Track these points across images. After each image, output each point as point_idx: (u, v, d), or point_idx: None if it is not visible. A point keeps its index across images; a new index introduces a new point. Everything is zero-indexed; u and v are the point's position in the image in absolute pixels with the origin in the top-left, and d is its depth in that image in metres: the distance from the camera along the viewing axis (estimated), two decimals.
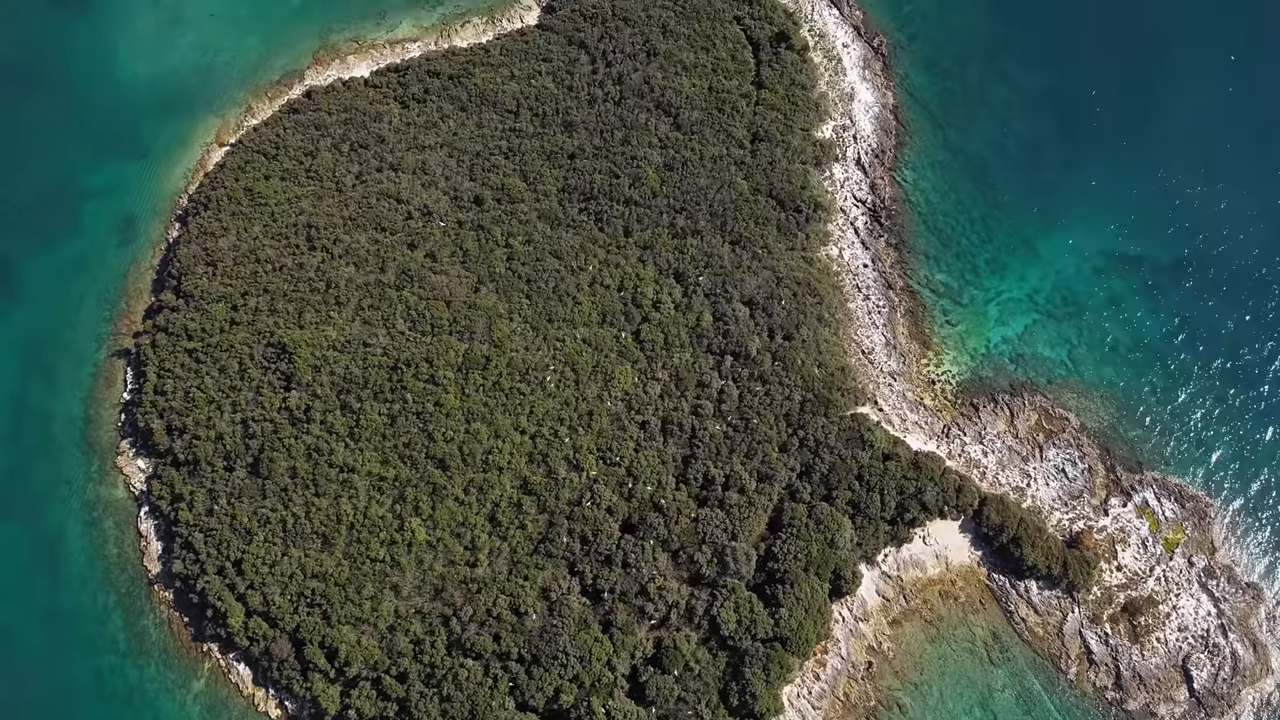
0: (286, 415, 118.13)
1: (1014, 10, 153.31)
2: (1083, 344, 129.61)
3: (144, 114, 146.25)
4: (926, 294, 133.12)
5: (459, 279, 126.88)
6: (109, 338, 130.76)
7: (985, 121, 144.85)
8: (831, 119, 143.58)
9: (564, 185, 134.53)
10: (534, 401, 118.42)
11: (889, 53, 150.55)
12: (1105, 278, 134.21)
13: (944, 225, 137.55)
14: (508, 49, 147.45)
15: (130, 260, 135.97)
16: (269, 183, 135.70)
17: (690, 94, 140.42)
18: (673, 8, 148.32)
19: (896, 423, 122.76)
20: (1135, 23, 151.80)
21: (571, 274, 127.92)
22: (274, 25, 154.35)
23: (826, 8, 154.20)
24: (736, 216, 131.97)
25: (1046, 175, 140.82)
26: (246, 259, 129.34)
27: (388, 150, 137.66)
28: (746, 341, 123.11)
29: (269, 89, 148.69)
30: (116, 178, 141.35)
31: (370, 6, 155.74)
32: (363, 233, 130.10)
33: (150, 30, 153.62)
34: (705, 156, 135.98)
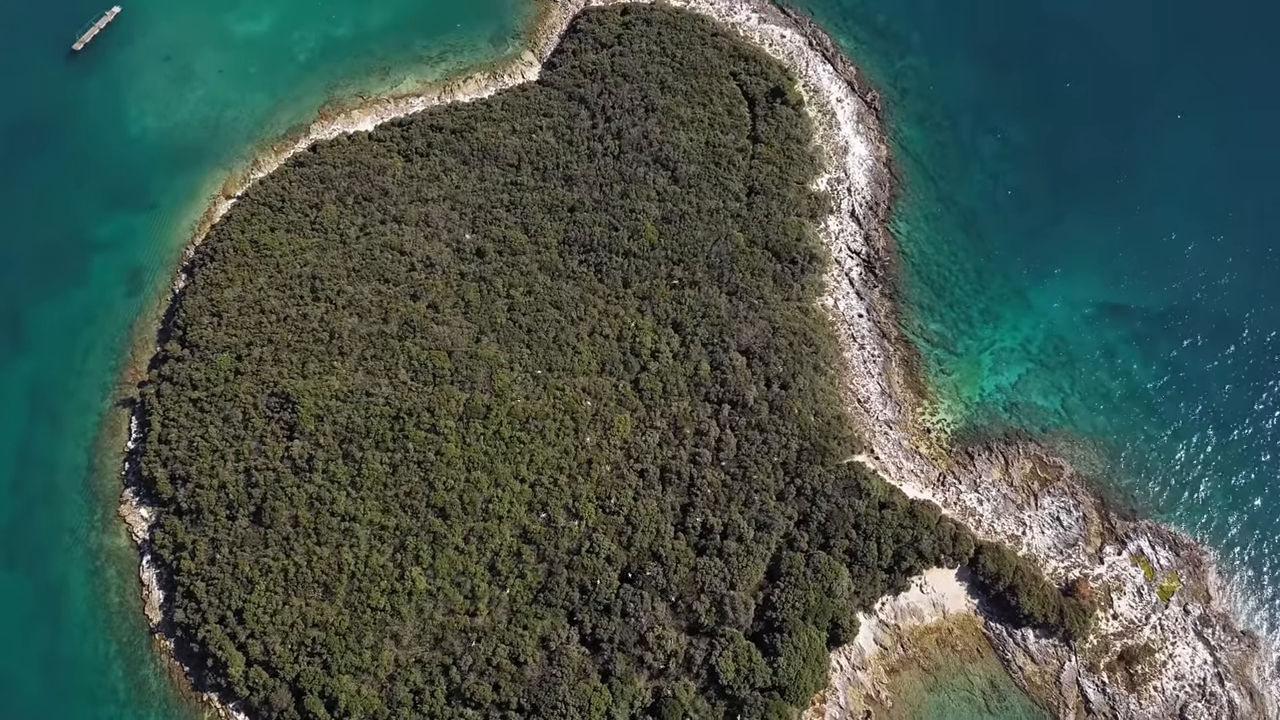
0: (289, 464, 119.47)
1: (1002, 67, 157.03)
2: (1076, 393, 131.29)
3: (153, 167, 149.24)
4: (921, 343, 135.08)
5: (461, 329, 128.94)
6: (115, 387, 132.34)
7: (976, 174, 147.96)
8: (826, 172, 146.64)
9: (564, 237, 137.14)
10: (534, 450, 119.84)
11: (882, 107, 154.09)
12: (1097, 327, 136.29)
13: (937, 276, 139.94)
14: (509, 104, 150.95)
15: (137, 310, 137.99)
16: (274, 235, 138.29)
17: (688, 148, 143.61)
18: (670, 64, 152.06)
19: (893, 471, 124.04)
20: (1121, 77, 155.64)
21: (571, 324, 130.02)
22: (281, 81, 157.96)
23: (820, 63, 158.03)
24: (733, 268, 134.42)
25: (1037, 226, 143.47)
26: (251, 309, 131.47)
27: (391, 203, 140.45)
28: (744, 390, 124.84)
29: (275, 143, 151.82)
30: (125, 230, 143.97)
31: (374, 62, 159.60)
32: (366, 284, 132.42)
33: (160, 86, 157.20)
34: (702, 209, 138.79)
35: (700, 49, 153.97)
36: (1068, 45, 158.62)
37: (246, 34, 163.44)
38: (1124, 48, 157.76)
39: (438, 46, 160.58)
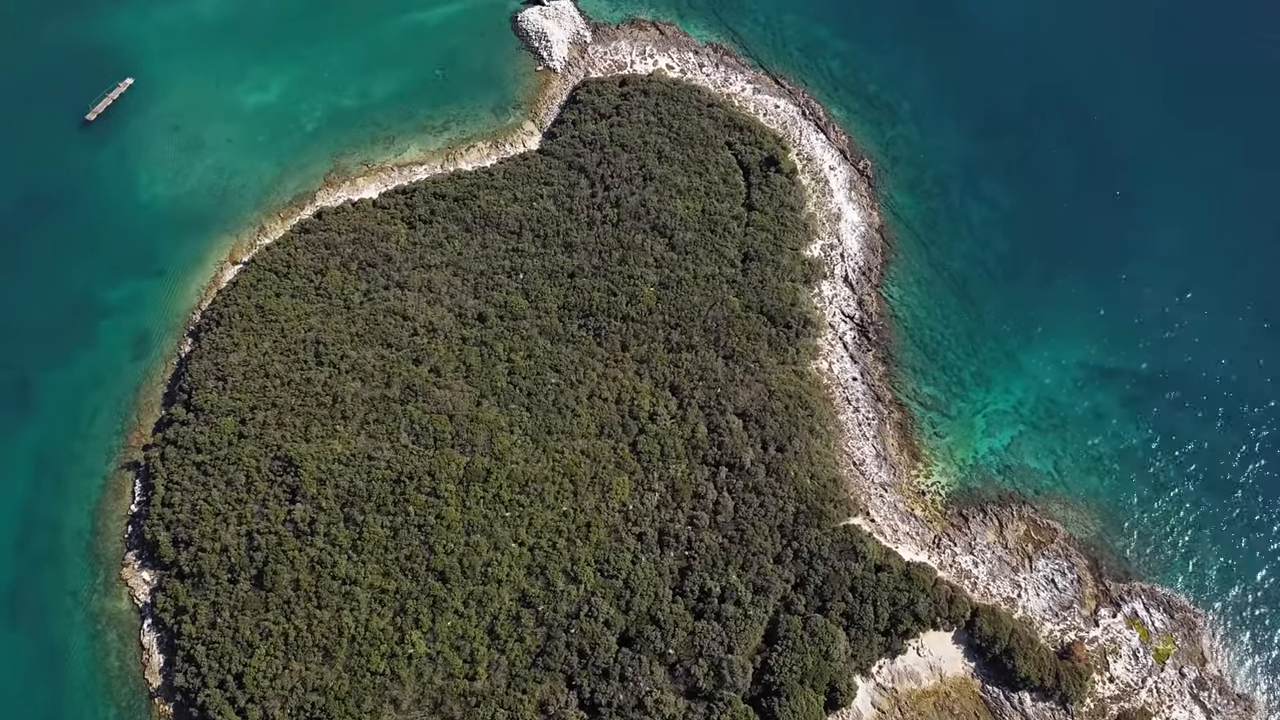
0: (291, 528, 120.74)
1: (991, 135, 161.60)
2: (1068, 455, 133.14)
3: (161, 234, 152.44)
4: (915, 406, 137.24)
5: (462, 393, 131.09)
6: (119, 450, 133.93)
7: (967, 240, 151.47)
8: (820, 238, 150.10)
9: (564, 302, 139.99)
10: (533, 513, 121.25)
11: (874, 175, 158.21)
12: (1087, 390, 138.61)
13: (930, 340, 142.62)
14: (510, 172, 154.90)
15: (143, 375, 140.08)
16: (280, 300, 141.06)
17: (684, 216, 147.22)
18: (668, 134, 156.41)
19: (888, 533, 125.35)
20: (1108, 145, 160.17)
21: (571, 387, 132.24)
22: (287, 149, 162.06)
23: (814, 133, 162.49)
24: (729, 332, 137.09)
25: (1027, 291, 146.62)
26: (256, 374, 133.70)
27: (395, 269, 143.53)
28: (741, 453, 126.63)
29: (281, 209, 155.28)
30: (133, 295, 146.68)
31: (379, 131, 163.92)
32: (369, 348, 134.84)
33: (171, 154, 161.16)
34: (699, 275, 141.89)
35: (696, 119, 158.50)
36: (1055, 114, 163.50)
37: (255, 104, 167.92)
38: (1110, 117, 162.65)
39: (441, 116, 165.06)
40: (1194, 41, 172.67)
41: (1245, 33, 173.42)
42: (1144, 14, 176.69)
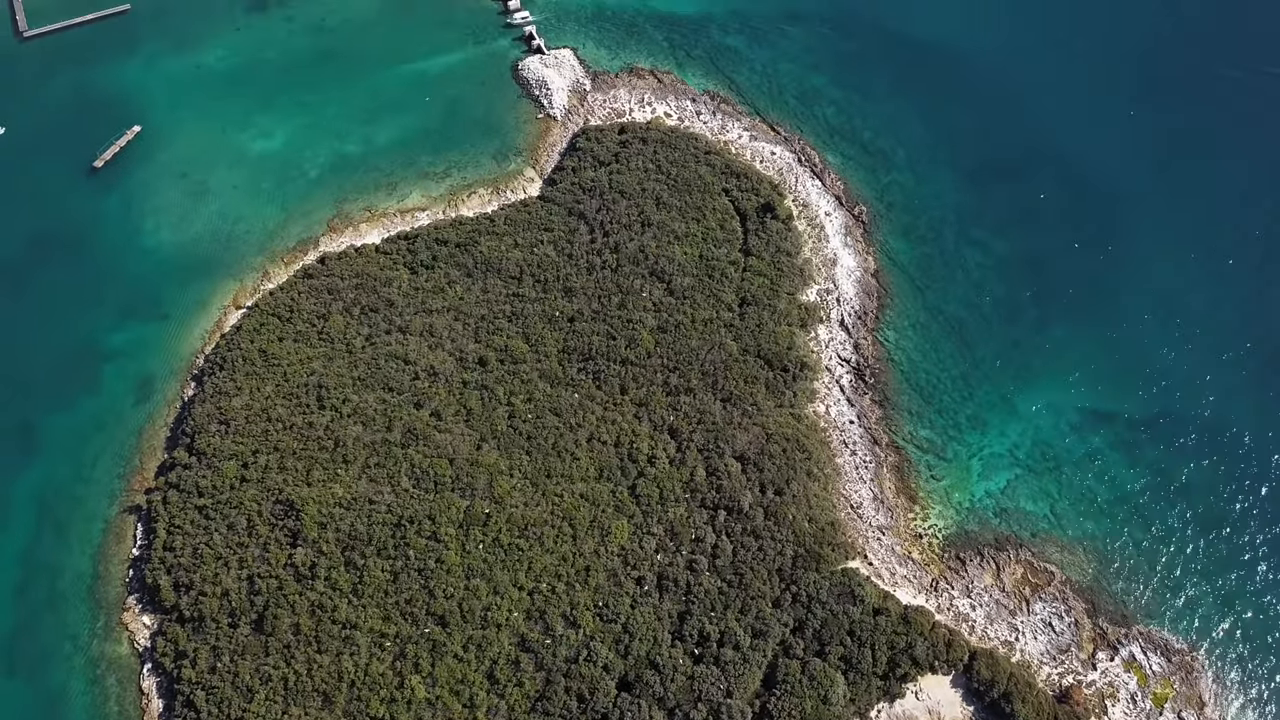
0: (292, 572, 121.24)
1: (984, 182, 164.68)
2: (1064, 498, 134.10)
3: (166, 278, 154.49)
4: (911, 449, 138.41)
5: (462, 436, 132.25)
6: (121, 494, 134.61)
7: (961, 284, 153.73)
8: (816, 283, 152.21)
9: (564, 346, 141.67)
10: (532, 557, 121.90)
11: (869, 220, 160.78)
12: (1082, 433, 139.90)
13: (926, 383, 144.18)
14: (511, 218, 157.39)
15: (146, 418, 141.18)
16: (282, 344, 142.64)
17: (682, 261, 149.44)
18: (666, 181, 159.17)
19: (886, 577, 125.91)
20: (1098, 190, 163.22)
21: (570, 430, 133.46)
22: (292, 195, 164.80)
23: (809, 179, 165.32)
24: (727, 375, 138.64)
25: (1021, 334, 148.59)
26: (258, 418, 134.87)
27: (396, 314, 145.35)
28: (739, 496, 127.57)
29: (285, 254, 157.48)
30: (137, 339, 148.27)
31: (382, 178, 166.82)
32: (371, 392, 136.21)
33: (177, 200, 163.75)
34: (697, 319, 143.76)
35: (694, 166, 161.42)
36: (1047, 161, 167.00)
37: (260, 151, 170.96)
38: (1100, 163, 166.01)
39: (443, 163, 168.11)
40: (1181, 90, 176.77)
41: (1232, 69, 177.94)
42: (1130, 62, 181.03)
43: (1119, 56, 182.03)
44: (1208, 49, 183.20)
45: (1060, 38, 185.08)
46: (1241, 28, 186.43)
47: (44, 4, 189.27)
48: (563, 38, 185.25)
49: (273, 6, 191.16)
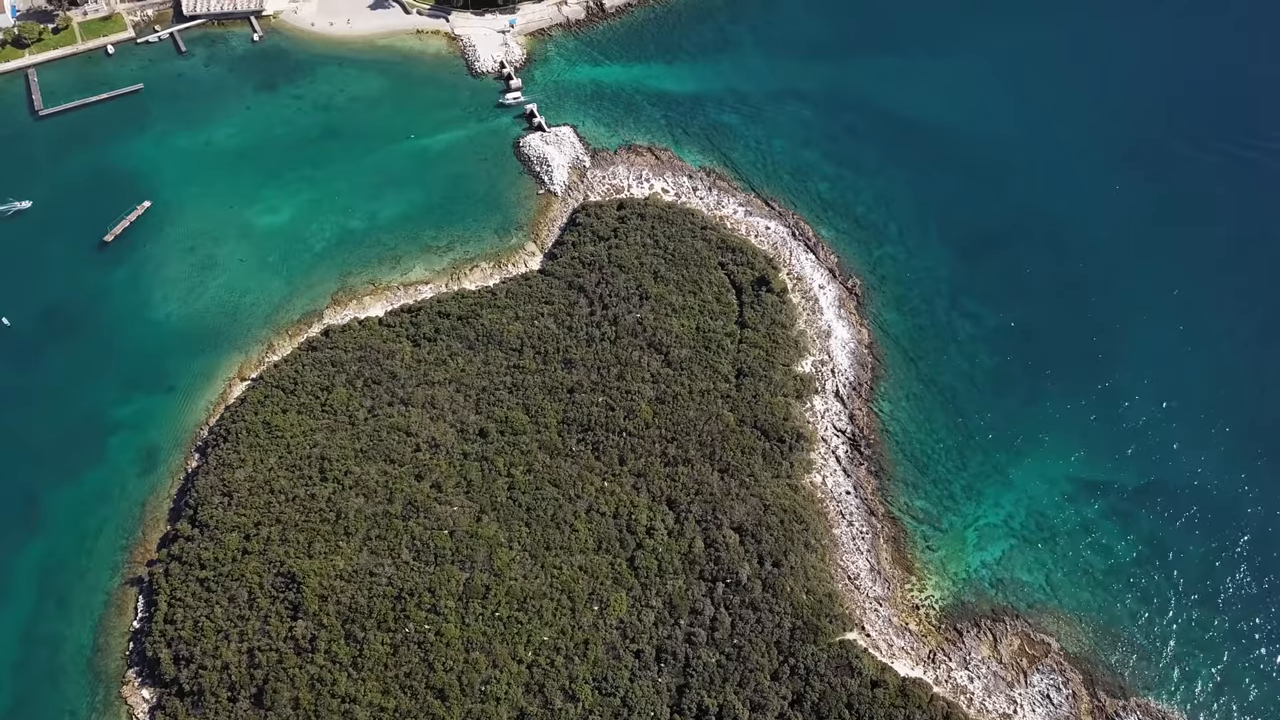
0: (292, 645, 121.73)
1: (975, 255, 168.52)
2: (1059, 568, 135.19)
3: (173, 351, 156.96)
4: (907, 520, 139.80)
5: (462, 509, 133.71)
6: (124, 566, 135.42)
7: (954, 356, 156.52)
8: (811, 354, 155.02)
9: (563, 417, 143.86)
10: (531, 630, 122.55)
11: (862, 293, 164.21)
12: (1076, 503, 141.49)
13: (921, 453, 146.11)
14: (513, 292, 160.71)
15: (149, 490, 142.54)
16: (286, 416, 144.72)
17: (680, 333, 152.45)
18: (663, 255, 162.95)
19: (884, 648, 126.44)
20: (1087, 262, 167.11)
21: (569, 502, 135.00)
22: (297, 269, 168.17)
23: (803, 252, 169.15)
24: (724, 446, 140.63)
25: (1014, 405, 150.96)
26: (261, 490, 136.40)
27: (399, 386, 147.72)
28: (737, 568, 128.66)
29: (290, 327, 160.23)
30: (143, 411, 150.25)
31: (386, 252, 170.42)
32: (373, 464, 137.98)
33: (184, 274, 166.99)
34: (694, 390, 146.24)
35: (691, 241, 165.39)
36: (1035, 235, 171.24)
37: (267, 225, 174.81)
38: (1089, 236, 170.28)
39: (446, 237, 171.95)
40: (1167, 164, 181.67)
41: (1221, 144, 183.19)
42: (1117, 136, 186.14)
43: (1105, 131, 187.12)
44: (1194, 123, 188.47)
45: (1047, 112, 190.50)
46: (1227, 103, 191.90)
47: (60, 84, 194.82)
48: (563, 115, 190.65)
49: (282, 85, 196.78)
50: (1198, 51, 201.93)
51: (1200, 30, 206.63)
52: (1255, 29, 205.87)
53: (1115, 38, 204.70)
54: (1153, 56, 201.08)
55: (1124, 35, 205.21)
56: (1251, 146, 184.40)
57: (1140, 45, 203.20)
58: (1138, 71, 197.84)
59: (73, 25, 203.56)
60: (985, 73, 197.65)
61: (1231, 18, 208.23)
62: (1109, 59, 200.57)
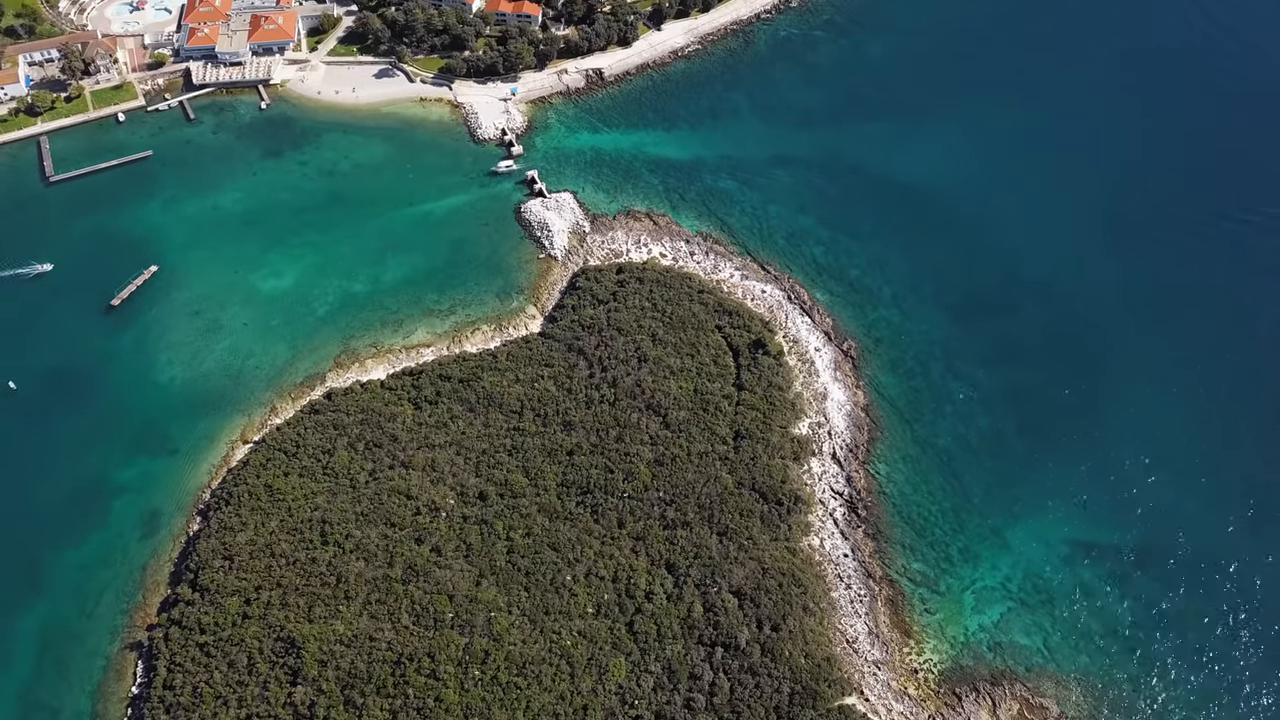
0: (291, 711, 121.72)
1: (968, 318, 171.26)
2: (1057, 631, 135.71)
3: (177, 414, 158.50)
4: (905, 583, 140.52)
5: (462, 572, 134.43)
6: (123, 630, 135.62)
7: (949, 418, 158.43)
8: (807, 417, 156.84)
9: (563, 480, 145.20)
10: (530, 696, 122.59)
11: (857, 355, 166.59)
12: (1073, 565, 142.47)
13: (917, 516, 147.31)
14: (513, 354, 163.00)
15: (150, 553, 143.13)
16: (288, 479, 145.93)
17: (678, 395, 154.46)
18: (661, 318, 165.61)
19: (883, 713, 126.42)
20: (1079, 326, 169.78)
21: (568, 565, 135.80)
22: (300, 332, 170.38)
23: (799, 315, 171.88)
24: (723, 509, 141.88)
25: (1009, 467, 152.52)
26: (262, 553, 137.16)
27: (400, 448, 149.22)
28: (736, 632, 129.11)
29: (293, 390, 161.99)
30: (146, 474, 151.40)
31: (388, 315, 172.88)
32: (373, 528, 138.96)
33: (189, 338, 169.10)
34: (692, 453, 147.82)
35: (688, 304, 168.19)
36: (1027, 299, 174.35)
37: (271, 290, 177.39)
38: (1081, 299, 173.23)
39: (448, 301, 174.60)
40: (1156, 230, 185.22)
41: (1209, 213, 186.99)
42: (1107, 202, 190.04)
43: (1096, 198, 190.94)
44: (1184, 193, 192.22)
45: (1038, 179, 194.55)
46: (1215, 175, 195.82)
47: (71, 150, 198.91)
48: (563, 182, 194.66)
49: (288, 152, 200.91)
50: (1188, 125, 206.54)
51: (1190, 105, 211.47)
52: (1247, 106, 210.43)
53: (1106, 109, 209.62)
54: (1143, 128, 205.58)
55: (1114, 107, 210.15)
56: (1236, 217, 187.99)
57: (1130, 117, 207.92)
58: (1128, 141, 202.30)
59: (85, 94, 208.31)
60: (977, 140, 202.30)
61: (1221, 95, 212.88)
62: (1100, 129, 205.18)
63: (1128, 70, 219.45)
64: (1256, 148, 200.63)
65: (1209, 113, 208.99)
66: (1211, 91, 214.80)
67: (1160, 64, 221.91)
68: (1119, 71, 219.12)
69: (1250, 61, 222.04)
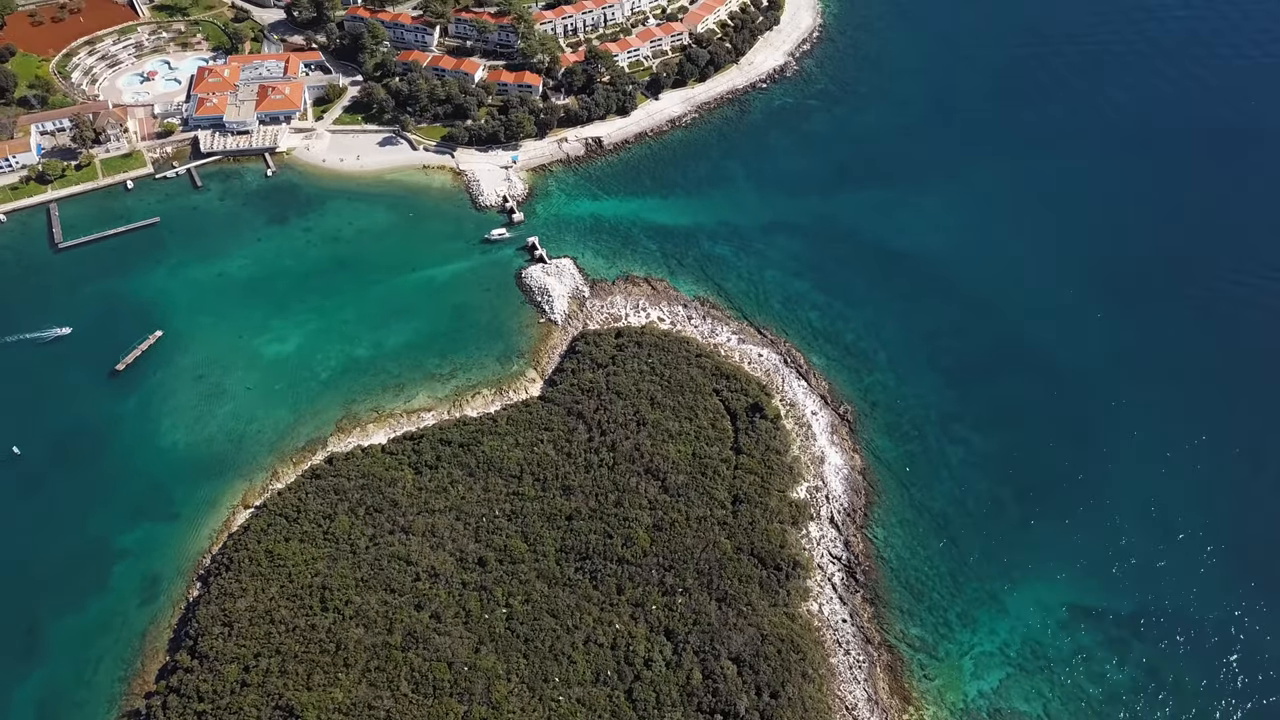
0: None
1: (963, 382, 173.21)
2: (1056, 698, 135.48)
3: (179, 478, 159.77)
4: (904, 648, 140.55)
5: (461, 639, 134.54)
6: (122, 698, 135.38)
7: (946, 481, 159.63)
8: (805, 480, 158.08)
9: (562, 545, 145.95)
10: None
11: (854, 419, 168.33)
12: (1070, 630, 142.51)
13: (915, 580, 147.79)
14: (513, 418, 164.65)
15: (150, 619, 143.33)
16: (288, 544, 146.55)
17: (676, 459, 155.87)
18: (659, 382, 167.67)
19: None
20: (1070, 390, 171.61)
21: (567, 632, 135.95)
22: (303, 397, 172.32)
23: (795, 379, 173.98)
24: (721, 574, 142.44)
25: (1005, 531, 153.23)
26: (262, 620, 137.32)
27: (400, 514, 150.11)
28: (735, 700, 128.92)
29: (295, 454, 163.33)
30: (147, 539, 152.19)
31: (390, 379, 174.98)
32: (373, 594, 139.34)
33: (192, 403, 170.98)
34: (691, 517, 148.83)
35: (686, 368, 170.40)
36: (1021, 362, 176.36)
37: (274, 354, 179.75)
38: (1073, 362, 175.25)
39: (449, 365, 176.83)
40: (1149, 293, 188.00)
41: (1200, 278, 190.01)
42: (1097, 267, 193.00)
43: (1088, 262, 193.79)
44: (1175, 258, 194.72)
45: (1030, 244, 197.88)
46: (1206, 241, 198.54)
47: (80, 217, 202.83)
48: (563, 247, 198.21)
49: (293, 218, 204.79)
50: (1181, 190, 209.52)
51: (1181, 172, 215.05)
52: (1238, 173, 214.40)
53: (1095, 175, 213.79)
54: (1136, 195, 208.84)
55: (1106, 173, 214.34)
56: (1228, 282, 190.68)
57: (1121, 183, 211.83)
58: (1120, 208, 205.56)
59: (95, 162, 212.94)
60: (970, 207, 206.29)
61: (1211, 164, 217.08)
62: (1090, 194, 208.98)
63: (1119, 137, 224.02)
64: (1248, 215, 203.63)
65: (1201, 178, 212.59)
66: (1205, 158, 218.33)
67: (1153, 130, 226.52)
68: (1110, 139, 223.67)
69: (1244, 130, 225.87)
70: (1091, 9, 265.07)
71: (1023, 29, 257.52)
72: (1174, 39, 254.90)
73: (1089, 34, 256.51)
